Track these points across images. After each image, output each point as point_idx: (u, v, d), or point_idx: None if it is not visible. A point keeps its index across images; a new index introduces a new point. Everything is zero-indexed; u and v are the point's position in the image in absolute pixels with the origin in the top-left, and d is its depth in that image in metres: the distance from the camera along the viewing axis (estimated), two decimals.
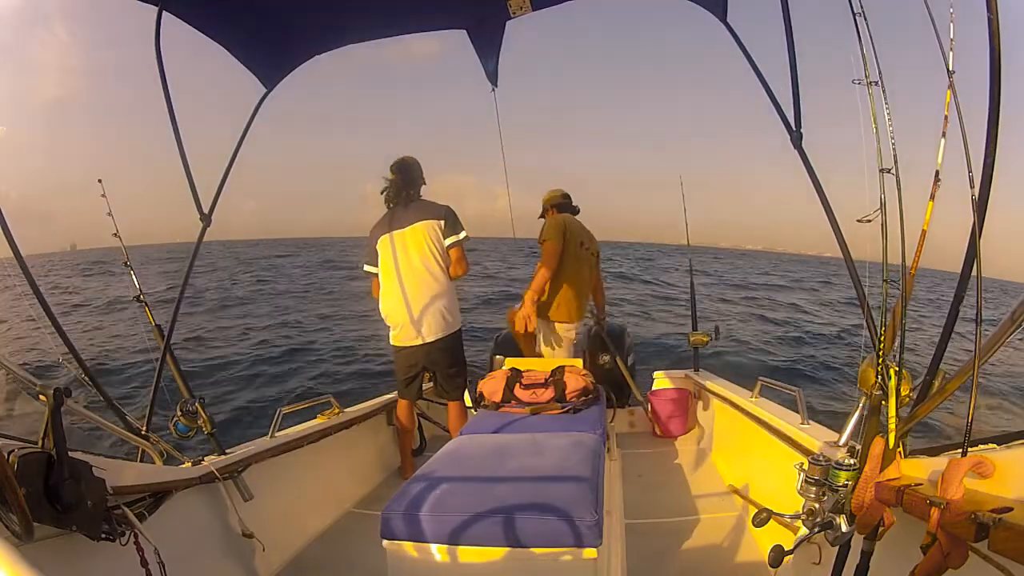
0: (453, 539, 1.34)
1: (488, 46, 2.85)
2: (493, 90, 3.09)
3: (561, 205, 3.30)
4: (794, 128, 1.70)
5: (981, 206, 1.09)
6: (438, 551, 1.36)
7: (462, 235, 2.75)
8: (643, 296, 14.59)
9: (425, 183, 2.84)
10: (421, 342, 2.72)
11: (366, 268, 2.84)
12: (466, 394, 3.68)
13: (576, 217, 3.31)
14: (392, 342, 2.80)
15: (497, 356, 3.43)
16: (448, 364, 2.82)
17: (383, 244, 2.74)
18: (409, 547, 1.38)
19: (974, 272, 1.11)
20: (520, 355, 3.32)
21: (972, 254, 1.11)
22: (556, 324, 3.11)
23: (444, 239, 2.72)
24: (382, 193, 2.80)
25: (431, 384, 3.04)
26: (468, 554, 1.34)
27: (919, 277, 1.28)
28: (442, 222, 2.71)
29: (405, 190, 2.76)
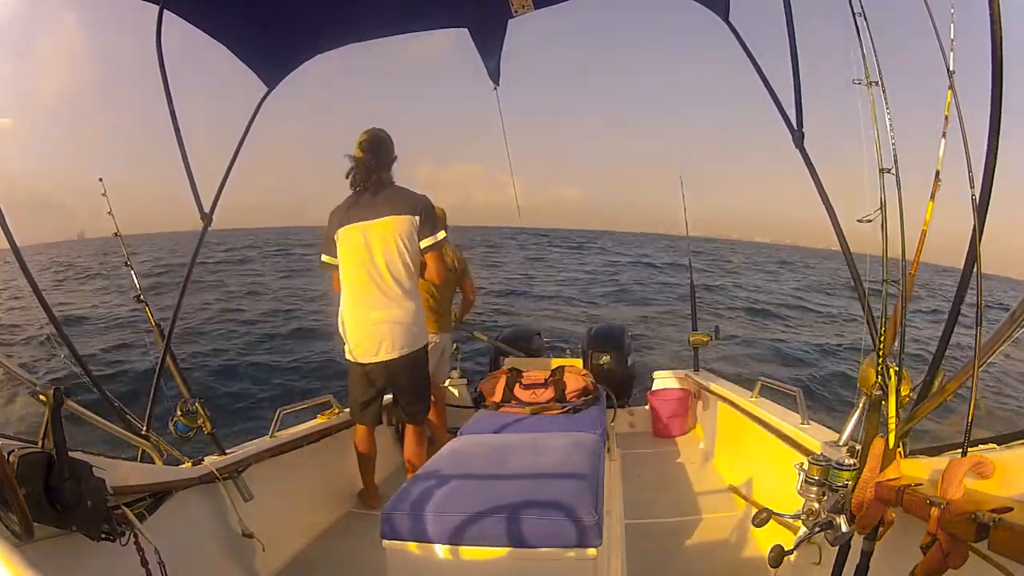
0: (453, 539, 1.35)
1: (490, 44, 2.85)
2: (495, 88, 3.09)
3: None
4: (795, 127, 1.70)
5: (982, 206, 1.09)
6: (438, 551, 1.36)
7: (440, 235, 2.35)
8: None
9: (396, 159, 2.41)
10: (382, 359, 2.29)
11: (324, 259, 2.40)
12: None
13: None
14: (348, 357, 2.36)
15: (500, 355, 3.44)
16: (412, 385, 2.41)
17: (344, 236, 2.31)
18: (409, 547, 1.38)
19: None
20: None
21: (973, 255, 1.11)
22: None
23: (419, 239, 2.31)
24: (347, 175, 2.35)
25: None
26: (468, 553, 1.35)
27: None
28: (417, 218, 2.29)
29: (376, 172, 2.31)
